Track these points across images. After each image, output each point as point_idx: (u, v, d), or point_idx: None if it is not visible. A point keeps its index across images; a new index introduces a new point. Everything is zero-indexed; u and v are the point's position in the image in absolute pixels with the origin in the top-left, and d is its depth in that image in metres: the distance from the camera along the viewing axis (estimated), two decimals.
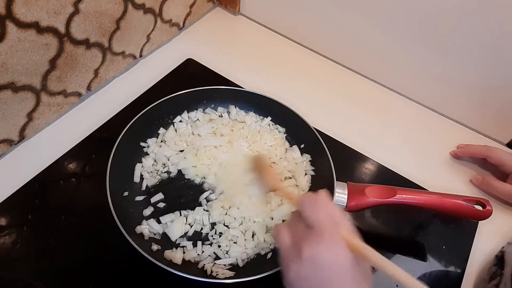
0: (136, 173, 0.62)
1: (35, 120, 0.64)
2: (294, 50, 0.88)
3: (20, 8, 0.50)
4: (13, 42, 0.52)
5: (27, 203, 0.59)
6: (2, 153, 0.62)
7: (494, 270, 0.56)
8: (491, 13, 0.62)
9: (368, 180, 0.68)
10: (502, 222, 0.66)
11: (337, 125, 0.74)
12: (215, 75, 0.79)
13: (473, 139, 0.77)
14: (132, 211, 0.58)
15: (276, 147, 0.67)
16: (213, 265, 0.55)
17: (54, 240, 0.56)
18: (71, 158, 0.64)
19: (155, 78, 0.76)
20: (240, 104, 0.71)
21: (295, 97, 0.71)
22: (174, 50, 0.83)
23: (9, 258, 0.53)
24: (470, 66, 0.70)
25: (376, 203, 0.57)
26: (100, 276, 0.54)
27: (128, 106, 0.71)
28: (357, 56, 0.83)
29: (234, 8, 0.91)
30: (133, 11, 0.69)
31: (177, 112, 0.69)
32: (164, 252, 0.55)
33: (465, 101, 0.76)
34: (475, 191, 0.70)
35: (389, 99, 0.82)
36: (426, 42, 0.71)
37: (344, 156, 0.70)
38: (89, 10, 0.60)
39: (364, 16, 0.75)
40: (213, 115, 0.70)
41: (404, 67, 0.78)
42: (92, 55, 0.66)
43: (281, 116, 0.69)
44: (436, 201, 0.57)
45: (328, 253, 0.38)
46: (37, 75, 0.59)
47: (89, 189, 0.62)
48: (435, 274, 0.59)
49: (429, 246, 0.62)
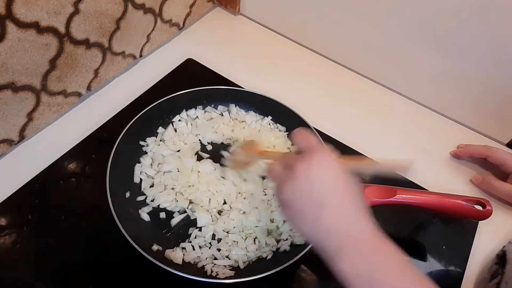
0: (136, 173, 0.62)
1: (35, 120, 0.64)
2: (294, 50, 0.88)
3: (20, 8, 0.50)
4: (13, 42, 0.52)
5: (27, 203, 0.59)
6: (2, 153, 0.62)
7: (495, 269, 0.56)
8: (491, 13, 0.62)
9: (368, 180, 0.68)
10: (502, 222, 0.65)
11: (337, 125, 0.74)
12: (215, 75, 0.79)
13: (473, 139, 0.77)
14: (132, 211, 0.58)
15: (279, 146, 0.67)
16: (213, 265, 0.55)
17: (54, 240, 0.56)
18: (71, 158, 0.64)
19: (155, 78, 0.76)
20: (240, 104, 0.71)
21: (295, 97, 0.71)
22: (174, 50, 0.83)
23: (9, 258, 0.53)
24: (470, 66, 0.70)
25: (376, 203, 0.57)
26: (100, 276, 0.54)
27: (128, 106, 0.71)
28: (357, 56, 0.83)
29: (234, 8, 0.91)
30: (133, 11, 0.69)
31: (177, 112, 0.69)
32: (164, 252, 0.55)
33: (465, 101, 0.76)
34: (475, 191, 0.70)
35: (389, 99, 0.82)
36: (426, 41, 0.71)
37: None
38: (89, 10, 0.60)
39: (364, 16, 0.75)
40: (213, 114, 0.70)
41: (404, 67, 0.78)
42: (92, 55, 0.66)
43: (281, 116, 0.69)
44: (436, 201, 0.57)
45: (319, 168, 0.39)
46: (37, 75, 0.59)
47: (89, 189, 0.62)
48: (435, 274, 0.59)
49: (429, 246, 0.62)
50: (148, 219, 0.58)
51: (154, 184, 0.61)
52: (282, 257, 0.55)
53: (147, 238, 0.55)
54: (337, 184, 0.39)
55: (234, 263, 0.55)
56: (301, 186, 0.39)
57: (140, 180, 0.62)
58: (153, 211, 0.59)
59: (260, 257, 0.56)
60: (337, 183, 0.39)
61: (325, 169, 0.40)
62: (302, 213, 0.39)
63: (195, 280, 0.49)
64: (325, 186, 0.39)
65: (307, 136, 0.43)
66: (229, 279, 0.50)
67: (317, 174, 0.39)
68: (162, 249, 0.55)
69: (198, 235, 0.57)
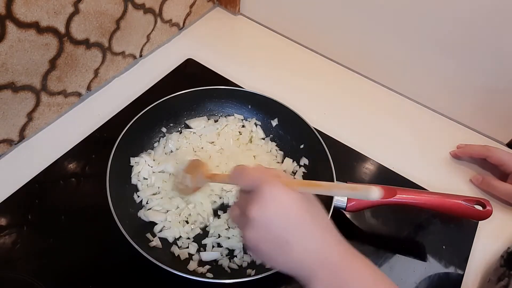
0: (135, 173, 0.62)
1: (35, 120, 0.64)
2: (294, 50, 0.88)
3: (20, 8, 0.50)
4: (13, 42, 0.52)
5: (27, 203, 0.59)
6: (2, 153, 0.62)
7: (502, 271, 0.55)
8: (490, 14, 0.62)
9: (368, 180, 0.68)
10: (502, 222, 0.66)
11: (337, 125, 0.74)
12: (215, 75, 0.79)
13: (473, 139, 0.77)
14: (132, 211, 0.58)
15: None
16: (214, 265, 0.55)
17: (54, 240, 0.56)
18: (71, 158, 0.64)
19: (155, 78, 0.76)
20: (240, 104, 0.71)
21: (295, 97, 0.71)
22: (174, 50, 0.83)
23: (9, 258, 0.53)
24: (470, 66, 0.70)
25: (376, 203, 0.57)
26: (100, 276, 0.54)
27: (128, 106, 0.71)
28: (357, 56, 0.83)
29: (234, 8, 0.91)
30: (133, 11, 0.69)
31: (177, 113, 0.69)
32: (165, 252, 0.55)
33: (465, 101, 0.76)
34: (475, 191, 0.70)
35: (390, 99, 0.82)
36: (427, 43, 0.71)
37: (344, 156, 0.70)
38: (89, 10, 0.60)
39: (364, 16, 0.75)
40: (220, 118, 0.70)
41: (404, 67, 0.78)
42: (92, 55, 0.66)
43: (281, 116, 0.69)
44: (436, 201, 0.57)
45: (272, 207, 0.37)
46: (37, 75, 0.59)
47: (89, 189, 0.62)
48: (435, 274, 0.59)
49: (429, 246, 0.62)
50: (148, 219, 0.58)
51: (153, 184, 0.61)
52: None
53: (147, 238, 0.56)
54: (296, 215, 0.37)
55: (235, 266, 0.55)
56: (260, 232, 0.38)
57: (140, 180, 0.62)
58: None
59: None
60: (296, 214, 0.37)
61: (278, 205, 0.37)
62: (270, 254, 0.38)
63: (195, 280, 0.49)
64: (283, 223, 0.37)
65: (246, 172, 0.40)
66: (229, 279, 0.50)
67: (273, 214, 0.37)
68: (162, 248, 0.55)
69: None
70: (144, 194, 0.60)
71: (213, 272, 0.54)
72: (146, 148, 0.65)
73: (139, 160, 0.62)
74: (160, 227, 0.57)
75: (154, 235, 0.56)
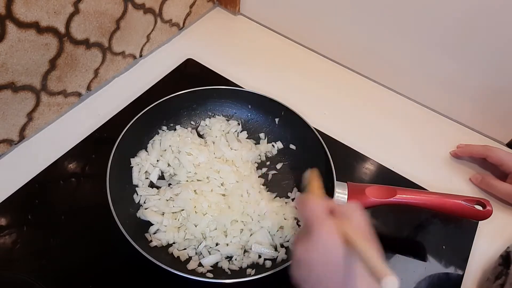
0: (135, 173, 0.62)
1: (35, 120, 0.64)
2: (294, 50, 0.88)
3: (20, 8, 0.50)
4: (13, 42, 0.52)
5: (27, 203, 0.59)
6: (2, 153, 0.62)
7: (500, 270, 0.56)
8: (491, 15, 0.62)
9: (368, 180, 0.68)
10: (502, 222, 0.66)
11: (337, 125, 0.74)
12: (215, 75, 0.79)
13: (473, 139, 0.77)
14: (132, 211, 0.58)
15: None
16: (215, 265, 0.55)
17: (54, 240, 0.56)
18: (71, 158, 0.64)
19: (155, 78, 0.76)
20: (240, 104, 0.71)
21: (295, 97, 0.71)
22: (174, 50, 0.83)
23: (9, 258, 0.53)
24: (470, 66, 0.70)
25: (376, 203, 0.57)
26: (100, 276, 0.54)
27: (128, 106, 0.71)
28: (357, 56, 0.83)
29: (234, 8, 0.91)
30: (133, 11, 0.69)
31: (177, 113, 0.69)
32: (165, 252, 0.55)
33: (465, 101, 0.76)
34: (475, 191, 0.70)
35: (389, 99, 0.82)
36: (427, 43, 0.71)
37: (344, 156, 0.70)
38: (89, 10, 0.60)
39: (364, 16, 0.75)
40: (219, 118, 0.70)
41: (404, 67, 0.78)
42: (92, 55, 0.66)
43: (281, 116, 0.69)
44: (436, 201, 0.57)
45: (315, 252, 0.38)
46: (37, 75, 0.59)
47: (89, 189, 0.62)
48: (435, 274, 0.59)
49: (429, 246, 0.62)
50: (145, 218, 0.58)
51: (152, 184, 0.61)
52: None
53: (147, 238, 0.56)
54: (335, 270, 0.37)
55: (235, 268, 0.55)
56: (303, 273, 0.39)
57: (139, 181, 0.62)
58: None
59: (260, 257, 0.56)
60: (335, 268, 0.37)
61: (321, 254, 0.37)
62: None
63: (195, 280, 0.49)
64: (323, 273, 0.37)
65: (302, 206, 0.41)
66: (229, 279, 0.50)
67: (314, 261, 0.38)
68: (162, 248, 0.55)
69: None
70: (142, 193, 0.60)
71: (213, 272, 0.53)
72: (146, 148, 0.65)
73: (139, 160, 0.62)
74: (155, 228, 0.57)
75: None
